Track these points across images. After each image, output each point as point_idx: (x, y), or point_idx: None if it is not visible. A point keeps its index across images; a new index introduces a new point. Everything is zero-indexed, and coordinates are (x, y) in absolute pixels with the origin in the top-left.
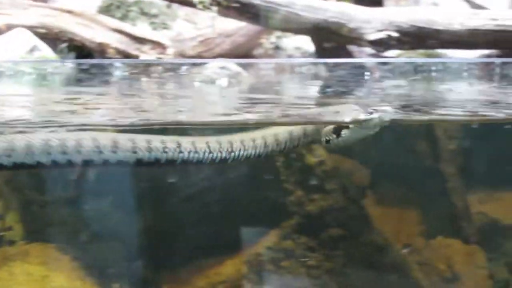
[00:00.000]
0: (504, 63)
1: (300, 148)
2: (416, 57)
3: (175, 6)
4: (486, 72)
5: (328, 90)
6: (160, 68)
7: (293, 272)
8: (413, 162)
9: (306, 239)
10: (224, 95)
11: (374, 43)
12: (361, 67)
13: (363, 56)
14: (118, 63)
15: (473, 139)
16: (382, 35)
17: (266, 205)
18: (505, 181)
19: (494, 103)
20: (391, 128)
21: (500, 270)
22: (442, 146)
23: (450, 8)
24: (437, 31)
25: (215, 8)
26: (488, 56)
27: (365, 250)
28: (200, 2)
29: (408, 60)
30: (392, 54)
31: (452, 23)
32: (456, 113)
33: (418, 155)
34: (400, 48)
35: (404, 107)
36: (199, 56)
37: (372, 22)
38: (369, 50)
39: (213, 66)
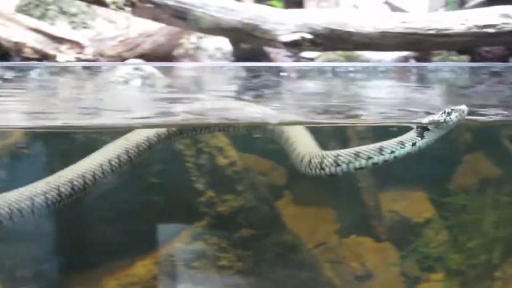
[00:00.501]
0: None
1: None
2: (336, 58)
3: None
4: (403, 73)
5: (244, 91)
6: (76, 68)
7: (205, 273)
8: None
9: (217, 239)
10: (134, 96)
11: (288, 45)
12: (279, 70)
13: (281, 57)
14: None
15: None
16: (295, 36)
17: (178, 206)
18: (416, 180)
19: (408, 105)
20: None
21: (411, 267)
22: (353, 146)
23: (365, 10)
24: (349, 33)
25: (129, 8)
26: (406, 57)
27: (276, 249)
28: (113, 3)
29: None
30: (312, 56)
31: (364, 26)
32: (369, 114)
33: None
34: (313, 50)
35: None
36: (119, 56)
37: (286, 24)
38: (286, 51)
39: (126, 67)
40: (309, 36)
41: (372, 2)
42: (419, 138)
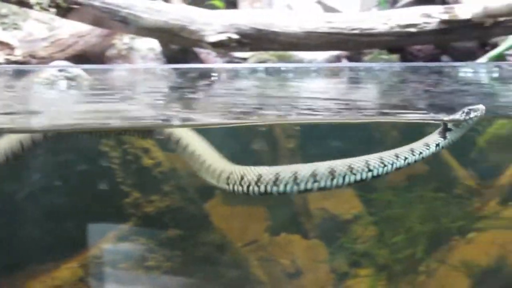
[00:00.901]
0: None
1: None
2: (268, 58)
3: None
4: (335, 73)
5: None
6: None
7: (132, 273)
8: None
9: (144, 240)
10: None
11: (214, 45)
12: (209, 71)
13: (212, 58)
14: None
15: (313, 138)
16: (222, 37)
17: (104, 207)
18: None
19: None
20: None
21: (340, 263)
22: (280, 145)
23: (298, 10)
24: (276, 33)
25: (53, 10)
26: (338, 57)
27: (204, 249)
28: (37, 4)
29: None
30: (245, 56)
31: (289, 26)
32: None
33: (257, 154)
34: (240, 50)
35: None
36: (51, 57)
37: (212, 25)
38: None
39: (52, 68)
40: (235, 37)
41: (305, 2)
42: (442, 139)
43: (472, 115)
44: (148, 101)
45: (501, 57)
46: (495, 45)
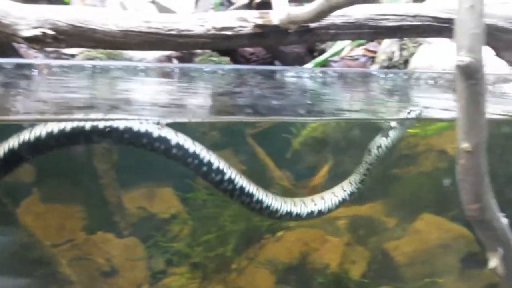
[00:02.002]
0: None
1: None
2: (97, 56)
3: None
4: (165, 73)
5: None
6: None
7: None
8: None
9: None
10: None
11: (29, 40)
12: (30, 66)
13: (31, 54)
14: None
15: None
16: (36, 32)
17: None
18: (165, 177)
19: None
20: None
21: (157, 262)
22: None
23: (110, 9)
24: (93, 30)
25: None
26: (168, 57)
27: (11, 248)
28: None
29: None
30: (73, 52)
31: (107, 24)
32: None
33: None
34: (57, 46)
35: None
36: None
37: (27, 19)
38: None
39: None
40: (50, 32)
41: (139, 1)
42: (384, 139)
43: (411, 114)
44: None
45: (326, 63)
46: (323, 51)
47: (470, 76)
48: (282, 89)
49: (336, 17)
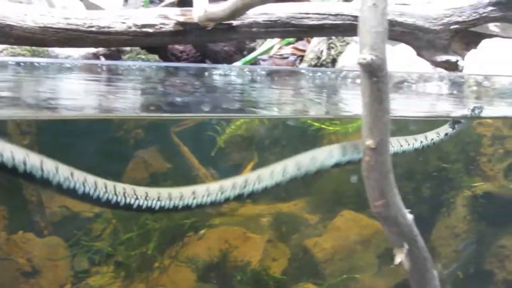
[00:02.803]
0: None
1: None
2: (21, 52)
3: None
4: (91, 70)
5: None
6: None
7: None
8: None
9: None
10: None
11: None
12: None
13: None
14: None
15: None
16: None
17: None
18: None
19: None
20: None
21: (80, 261)
22: (15, 141)
23: (48, 6)
24: (11, 27)
25: None
26: (95, 54)
27: None
28: None
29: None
30: None
31: (25, 20)
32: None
33: None
34: None
35: None
36: None
37: None
38: None
39: None
40: None
41: None
42: (450, 129)
43: (476, 111)
44: None
45: (255, 62)
46: (252, 50)
47: (373, 74)
48: (209, 87)
49: (258, 16)
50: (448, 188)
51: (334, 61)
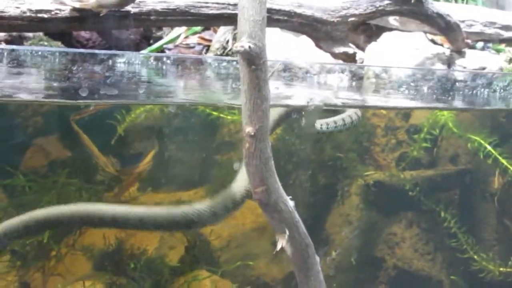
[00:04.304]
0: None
1: None
2: None
3: None
4: None
5: None
6: None
7: None
8: None
9: None
10: None
11: None
12: None
13: None
14: None
15: None
16: None
17: None
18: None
19: None
20: None
21: None
22: None
23: None
24: None
25: None
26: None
27: None
28: None
29: None
30: None
31: None
32: None
33: None
34: None
35: None
36: None
37: None
38: None
39: None
40: None
41: None
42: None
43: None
44: None
45: (161, 50)
46: (159, 39)
47: (252, 62)
48: (110, 74)
49: (157, 3)
50: (342, 177)
51: None
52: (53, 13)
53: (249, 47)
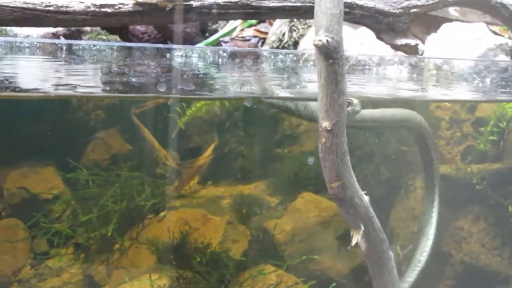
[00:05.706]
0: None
1: None
2: None
3: None
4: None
5: None
6: None
7: None
8: None
9: None
10: None
11: None
12: None
13: None
14: None
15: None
16: None
17: None
18: (48, 156)
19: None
20: None
21: (40, 243)
22: None
23: None
24: None
25: None
26: (54, 34)
27: None
28: None
29: None
30: None
31: None
32: None
33: None
34: None
35: None
36: None
37: None
38: None
39: None
40: None
41: None
42: None
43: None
44: None
45: (217, 44)
46: (215, 32)
47: (329, 56)
48: (169, 68)
49: None
50: (406, 171)
51: (296, 44)
52: (116, 7)
53: (327, 41)
